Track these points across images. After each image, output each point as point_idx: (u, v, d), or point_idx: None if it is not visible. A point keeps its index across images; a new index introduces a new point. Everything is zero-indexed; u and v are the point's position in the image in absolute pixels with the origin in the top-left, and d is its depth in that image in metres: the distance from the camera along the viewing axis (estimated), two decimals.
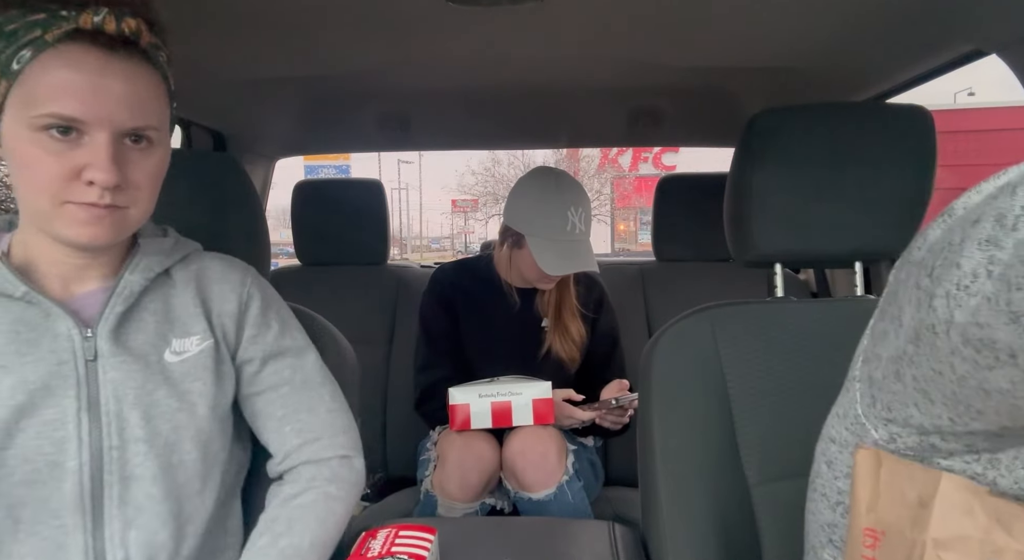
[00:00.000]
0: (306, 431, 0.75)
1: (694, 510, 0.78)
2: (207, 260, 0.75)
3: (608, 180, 20.20)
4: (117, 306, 0.65)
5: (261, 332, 0.75)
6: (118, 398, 0.64)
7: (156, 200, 0.65)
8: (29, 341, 0.62)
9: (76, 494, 0.61)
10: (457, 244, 31.08)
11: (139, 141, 0.60)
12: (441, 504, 1.24)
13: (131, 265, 0.68)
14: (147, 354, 0.66)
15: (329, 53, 1.11)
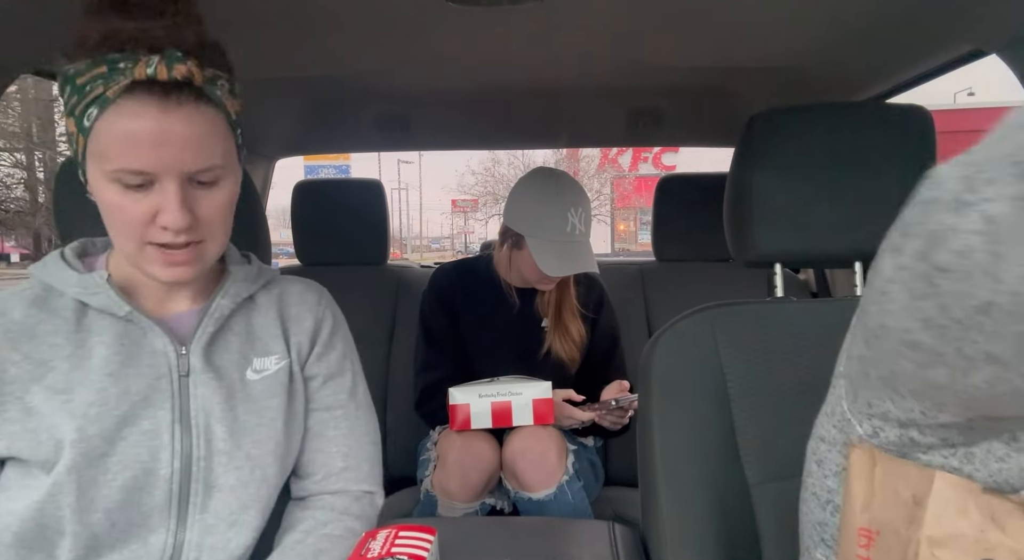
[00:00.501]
0: (351, 457, 0.78)
1: (694, 510, 0.78)
2: (286, 284, 0.79)
3: (608, 180, 20.22)
4: (208, 327, 0.70)
5: (327, 351, 0.78)
6: (206, 412, 0.68)
7: (231, 227, 0.67)
8: (132, 355, 0.66)
9: (165, 500, 0.65)
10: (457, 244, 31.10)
11: (206, 181, 0.62)
12: (441, 504, 1.24)
13: (222, 290, 0.72)
14: (231, 372, 0.70)
15: (329, 53, 1.11)
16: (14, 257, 19.49)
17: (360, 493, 0.78)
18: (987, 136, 0.32)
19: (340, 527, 0.74)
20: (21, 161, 10.62)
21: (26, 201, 10.81)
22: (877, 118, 0.85)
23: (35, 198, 10.67)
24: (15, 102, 9.94)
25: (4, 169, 10.43)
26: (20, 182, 10.73)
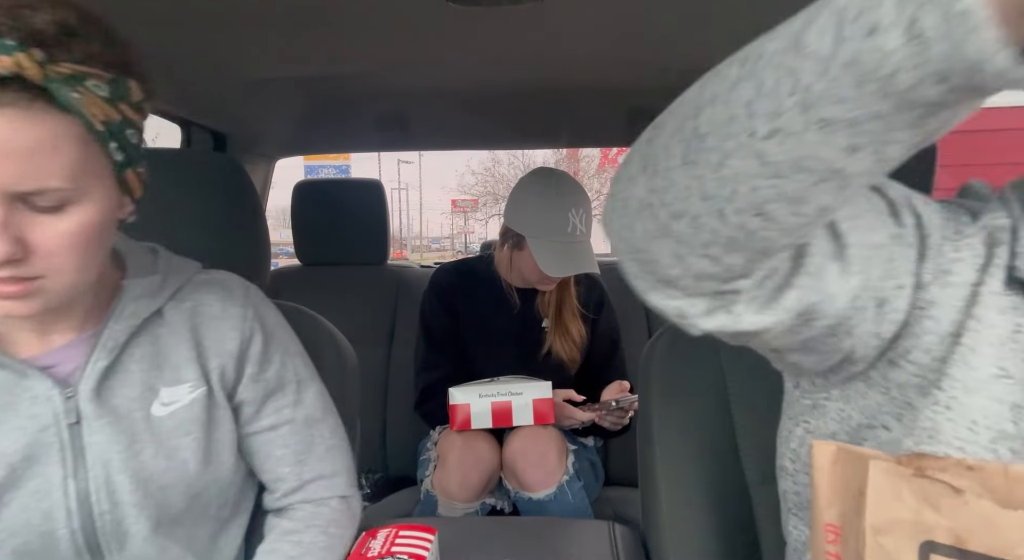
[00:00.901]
0: (305, 472, 0.72)
1: (694, 510, 0.78)
2: (203, 292, 0.67)
3: (608, 180, 20.20)
4: (99, 361, 0.59)
5: (263, 369, 0.69)
6: (105, 462, 0.58)
7: (94, 259, 0.54)
8: (5, 406, 0.56)
9: (73, 555, 0.58)
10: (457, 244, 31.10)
11: (44, 206, 0.48)
12: (441, 504, 1.25)
13: (115, 313, 0.60)
14: (133, 411, 0.60)
15: (329, 53, 1.11)
16: None
17: (328, 499, 0.73)
18: None
19: (311, 534, 0.69)
20: None
21: None
22: None
23: None
24: None
25: None
26: None
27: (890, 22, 0.26)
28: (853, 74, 0.28)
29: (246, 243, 0.87)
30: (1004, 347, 0.43)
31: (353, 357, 0.93)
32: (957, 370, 0.44)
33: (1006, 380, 0.42)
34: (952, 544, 0.39)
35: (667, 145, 0.36)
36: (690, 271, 0.38)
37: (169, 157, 0.89)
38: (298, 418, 0.71)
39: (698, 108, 0.35)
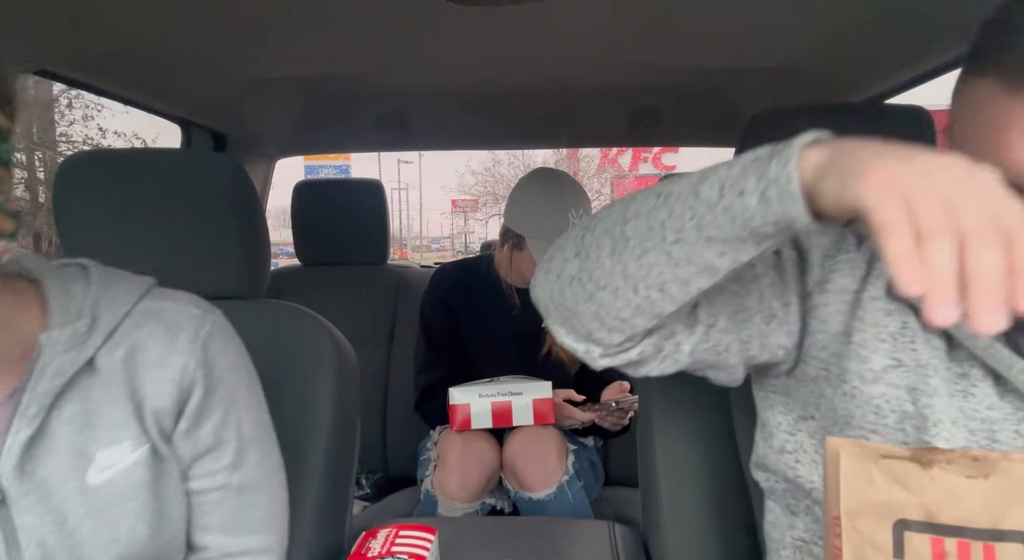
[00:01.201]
0: (232, 545, 0.63)
1: (694, 510, 0.78)
2: (144, 331, 0.57)
3: (608, 180, 20.20)
4: (21, 431, 0.50)
5: (198, 424, 0.59)
6: (40, 542, 0.51)
7: None
8: None
9: None
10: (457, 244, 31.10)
11: None
12: (441, 504, 1.24)
13: (36, 372, 0.51)
14: (65, 482, 0.52)
15: (329, 53, 1.11)
16: None
17: None
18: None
19: None
20: (21, 161, 10.61)
21: (26, 201, 10.81)
22: (877, 118, 0.85)
23: (35, 198, 10.66)
24: None
25: None
26: (20, 182, 10.74)
27: (751, 190, 0.43)
28: (728, 215, 0.44)
29: (246, 243, 0.87)
30: (896, 342, 0.53)
31: (353, 357, 0.93)
32: (853, 364, 0.54)
33: (900, 369, 0.52)
34: (923, 520, 0.41)
35: (599, 240, 0.52)
36: (604, 326, 0.53)
37: (169, 157, 0.89)
38: (233, 483, 0.61)
39: (625, 219, 0.50)
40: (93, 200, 0.84)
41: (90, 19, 0.91)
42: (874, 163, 0.37)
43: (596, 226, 0.52)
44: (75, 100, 10.26)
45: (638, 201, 0.50)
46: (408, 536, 0.72)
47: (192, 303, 0.62)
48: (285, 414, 0.84)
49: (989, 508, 0.40)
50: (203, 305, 0.63)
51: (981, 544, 0.40)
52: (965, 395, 0.51)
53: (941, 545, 0.41)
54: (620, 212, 0.51)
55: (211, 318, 0.62)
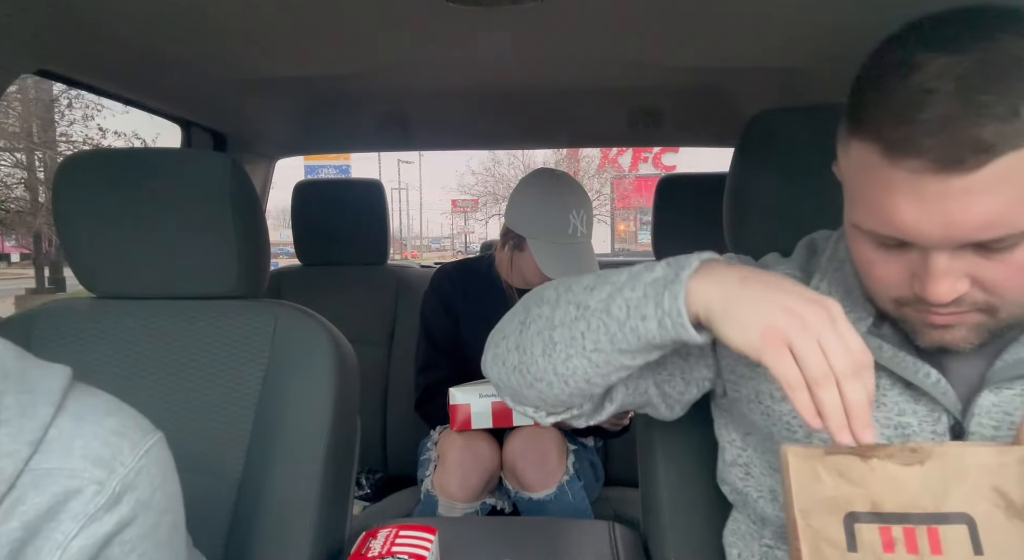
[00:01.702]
0: None
1: (695, 510, 0.78)
2: (45, 491, 0.43)
3: (608, 180, 20.21)
4: None
5: None
6: None
7: None
8: None
9: None
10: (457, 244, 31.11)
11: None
12: (441, 504, 1.24)
13: None
14: None
15: (329, 53, 1.11)
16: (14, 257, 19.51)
17: None
18: None
19: None
20: (21, 161, 10.61)
21: (26, 201, 10.81)
22: None
23: (35, 198, 10.66)
24: (15, 102, 9.93)
25: (4, 169, 10.43)
26: (20, 182, 10.73)
27: (651, 316, 0.51)
28: (635, 334, 0.53)
29: (246, 243, 0.87)
30: None
31: (353, 357, 0.93)
32: (764, 385, 0.62)
33: None
34: (870, 510, 0.43)
35: (532, 340, 0.60)
36: (545, 405, 0.64)
37: (169, 157, 0.89)
38: None
39: (552, 325, 0.59)
40: (93, 200, 0.84)
41: (90, 19, 0.91)
42: (761, 317, 0.47)
43: (530, 325, 0.61)
44: (75, 100, 10.28)
45: (561, 307, 0.59)
46: (408, 536, 0.72)
47: (98, 450, 0.46)
48: (285, 414, 0.84)
49: (929, 493, 0.42)
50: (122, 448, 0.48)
51: (926, 528, 0.41)
52: (877, 405, 0.54)
53: (889, 533, 0.42)
54: (548, 315, 0.60)
55: (120, 475, 0.46)
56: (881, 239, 0.48)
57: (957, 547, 0.40)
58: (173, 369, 0.86)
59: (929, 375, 0.52)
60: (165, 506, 0.50)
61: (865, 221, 0.48)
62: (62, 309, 0.89)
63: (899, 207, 0.45)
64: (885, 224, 0.46)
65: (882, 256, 0.49)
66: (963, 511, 0.41)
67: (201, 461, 0.83)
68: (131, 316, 0.88)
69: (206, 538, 0.80)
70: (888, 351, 0.54)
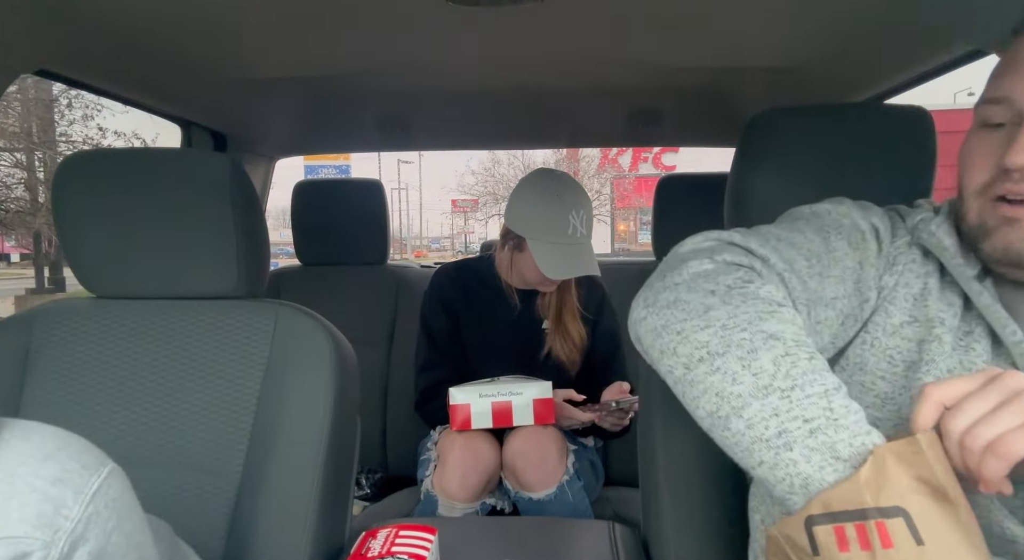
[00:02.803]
0: None
1: (695, 510, 0.78)
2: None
3: (608, 180, 20.21)
4: None
5: None
6: None
7: None
8: None
9: None
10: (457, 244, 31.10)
11: None
12: (441, 504, 1.24)
13: None
14: None
15: (329, 53, 1.11)
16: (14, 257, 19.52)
17: None
18: None
19: None
20: (21, 161, 10.61)
21: (26, 201, 10.81)
22: (877, 118, 0.85)
23: (35, 198, 10.66)
24: (15, 102, 9.93)
25: (4, 169, 10.42)
26: (20, 182, 10.73)
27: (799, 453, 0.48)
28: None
29: (246, 243, 0.87)
30: (915, 302, 0.59)
31: (353, 357, 0.93)
32: (879, 317, 0.61)
33: (915, 324, 0.59)
34: (823, 511, 0.44)
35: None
36: None
37: (169, 157, 0.89)
38: None
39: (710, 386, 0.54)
40: (93, 200, 0.84)
41: (90, 19, 0.91)
42: None
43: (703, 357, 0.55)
44: (75, 100, 10.26)
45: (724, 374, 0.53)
46: (408, 536, 0.72)
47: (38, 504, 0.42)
48: (285, 414, 0.84)
49: (869, 489, 0.43)
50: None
51: (874, 523, 0.42)
52: (967, 349, 0.56)
53: (843, 532, 0.43)
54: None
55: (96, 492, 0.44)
56: (989, 114, 0.54)
57: (903, 539, 0.41)
58: (173, 369, 0.86)
59: (1015, 333, 0.53)
60: (125, 549, 0.46)
61: (985, 92, 0.55)
62: (62, 309, 0.90)
63: (1016, 75, 0.52)
64: (996, 85, 0.54)
65: (982, 138, 0.55)
66: (897, 504, 0.42)
67: (201, 461, 0.83)
68: (131, 316, 0.88)
69: (206, 538, 0.80)
70: (987, 299, 0.55)
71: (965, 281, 0.56)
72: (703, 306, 0.54)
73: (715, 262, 0.59)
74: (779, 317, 0.53)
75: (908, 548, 0.41)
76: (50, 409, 0.84)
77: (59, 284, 11.41)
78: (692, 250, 0.62)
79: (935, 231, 0.60)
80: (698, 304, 0.55)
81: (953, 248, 0.59)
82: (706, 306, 0.54)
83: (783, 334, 0.51)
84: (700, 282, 0.57)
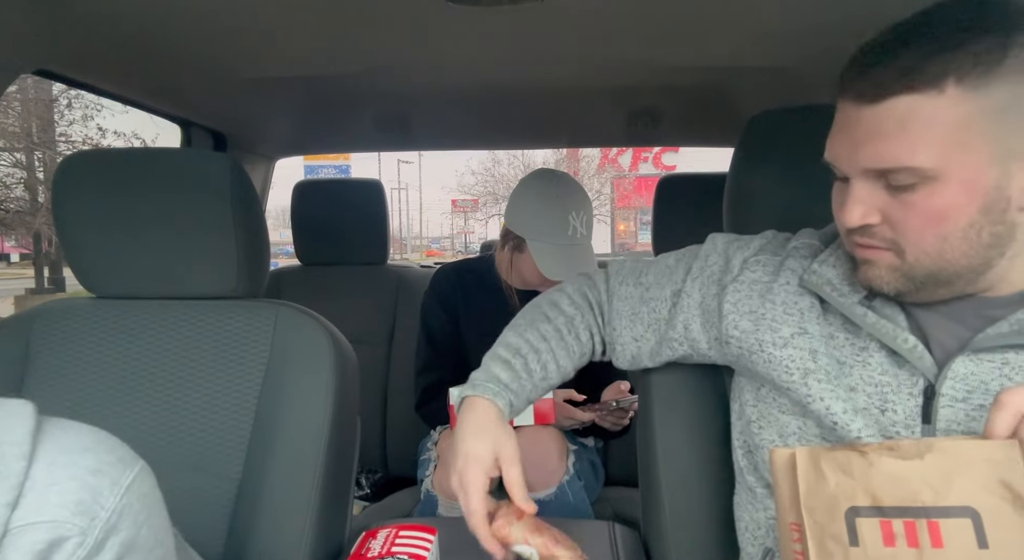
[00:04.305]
0: None
1: (695, 510, 0.78)
2: (26, 549, 0.41)
3: (608, 180, 20.21)
4: None
5: None
6: None
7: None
8: None
9: None
10: (457, 244, 31.11)
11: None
12: (442, 504, 1.24)
13: None
14: None
15: (329, 53, 1.11)
16: (14, 257, 19.52)
17: None
18: None
19: None
20: (21, 161, 10.62)
21: (26, 201, 10.81)
22: None
23: (35, 198, 10.67)
24: (15, 102, 9.94)
25: (4, 169, 10.43)
26: (20, 182, 10.73)
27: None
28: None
29: (246, 243, 0.87)
30: (803, 315, 0.64)
31: (353, 357, 0.93)
32: (766, 335, 0.66)
33: (806, 335, 0.63)
34: (871, 504, 0.43)
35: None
36: None
37: (169, 157, 0.89)
38: None
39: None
40: (93, 200, 0.84)
41: (90, 19, 0.91)
42: None
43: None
44: (75, 100, 10.27)
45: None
46: (408, 536, 0.72)
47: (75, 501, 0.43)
48: (285, 414, 0.84)
49: (930, 487, 0.42)
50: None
51: (926, 522, 0.41)
52: (864, 364, 0.60)
53: (889, 527, 0.42)
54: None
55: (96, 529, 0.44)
56: (835, 171, 0.58)
57: (960, 541, 0.40)
58: (173, 369, 0.86)
59: (907, 341, 0.57)
60: (152, 543, 0.48)
61: (827, 153, 0.58)
62: (62, 309, 0.89)
63: (833, 135, 0.56)
64: (828, 149, 0.57)
65: (838, 187, 0.59)
66: (967, 505, 0.41)
67: (201, 461, 0.83)
68: (131, 316, 0.88)
69: (206, 538, 0.80)
70: (872, 318, 0.59)
71: (847, 309, 0.61)
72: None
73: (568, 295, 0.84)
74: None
75: (965, 549, 0.40)
76: (50, 409, 0.84)
77: (59, 284, 11.41)
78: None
79: (817, 268, 0.65)
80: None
81: (838, 279, 0.63)
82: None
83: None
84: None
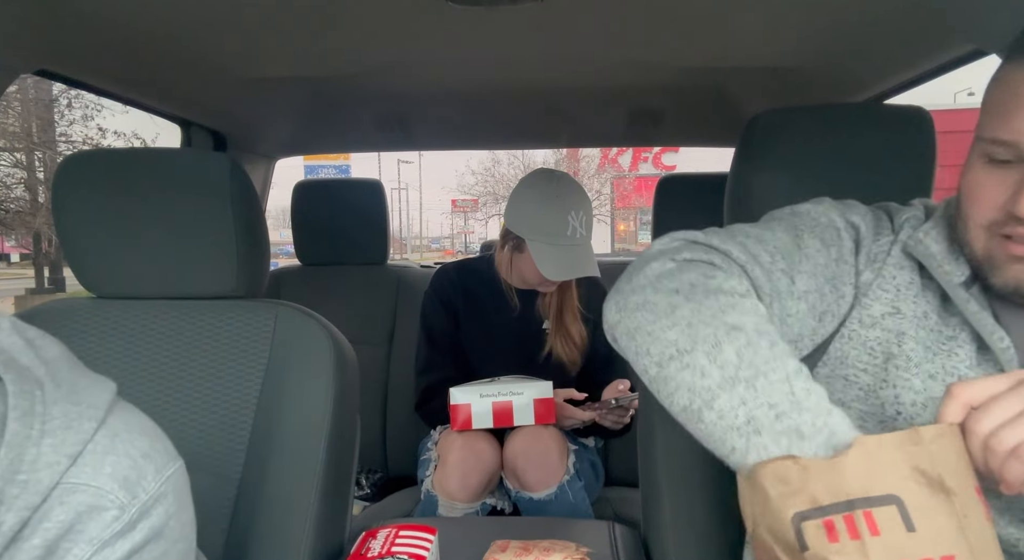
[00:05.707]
0: None
1: (695, 510, 0.78)
2: (69, 507, 0.43)
3: (608, 180, 20.19)
4: None
5: None
6: None
7: None
8: None
9: None
10: (457, 244, 31.11)
11: None
12: (442, 504, 1.24)
13: None
14: None
15: (329, 53, 1.11)
16: (14, 257, 19.51)
17: None
18: None
19: None
20: (21, 161, 10.62)
21: (26, 201, 10.81)
22: (877, 119, 0.85)
23: (35, 198, 10.67)
24: (15, 102, 9.93)
25: (4, 169, 10.42)
26: (20, 182, 10.73)
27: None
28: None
29: (246, 243, 0.87)
30: (899, 293, 0.60)
31: (353, 357, 0.93)
32: (857, 311, 0.62)
33: (896, 316, 0.60)
34: (811, 506, 0.44)
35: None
36: None
37: (169, 157, 0.89)
38: None
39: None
40: (93, 200, 0.84)
41: (90, 19, 0.91)
42: None
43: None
44: (75, 100, 10.26)
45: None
46: (408, 536, 0.72)
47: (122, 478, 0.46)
48: (285, 414, 0.84)
49: (857, 480, 0.44)
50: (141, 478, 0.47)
51: (862, 512, 0.43)
52: (949, 354, 0.57)
53: (832, 524, 0.44)
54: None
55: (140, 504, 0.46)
56: (995, 152, 0.53)
57: (891, 525, 0.43)
58: (173, 369, 0.86)
59: (1003, 339, 0.55)
60: (177, 536, 0.50)
61: (988, 128, 0.53)
62: (62, 309, 0.89)
63: (1020, 111, 0.50)
64: (1004, 127, 0.51)
65: (988, 174, 0.54)
66: (890, 493, 0.43)
67: (201, 461, 0.83)
68: (131, 316, 0.88)
69: (206, 538, 0.80)
70: (974, 307, 0.56)
71: (952, 288, 0.57)
72: (669, 305, 0.56)
73: (676, 261, 0.61)
74: (741, 308, 0.55)
75: (898, 534, 0.42)
76: None
77: (59, 284, 11.41)
78: (657, 252, 0.64)
79: (922, 238, 0.61)
80: (665, 304, 0.56)
81: (941, 255, 0.59)
82: (672, 305, 0.56)
83: (744, 325, 0.53)
84: (664, 282, 0.59)
